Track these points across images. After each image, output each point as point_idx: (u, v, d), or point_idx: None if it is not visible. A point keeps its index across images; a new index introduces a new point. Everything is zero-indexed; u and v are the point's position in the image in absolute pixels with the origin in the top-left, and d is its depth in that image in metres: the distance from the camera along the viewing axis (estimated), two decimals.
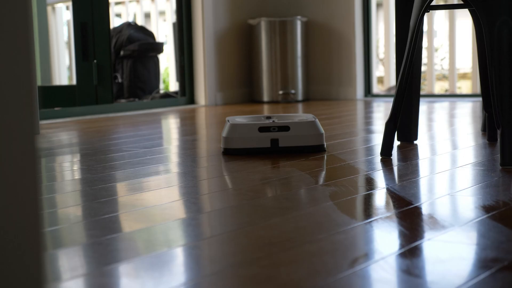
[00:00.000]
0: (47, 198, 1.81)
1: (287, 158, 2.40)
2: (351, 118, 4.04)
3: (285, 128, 2.52)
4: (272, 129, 2.51)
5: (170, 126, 3.98)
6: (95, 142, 3.10)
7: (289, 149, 2.51)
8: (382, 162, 2.28)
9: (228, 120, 2.61)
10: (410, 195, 1.72)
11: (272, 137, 2.50)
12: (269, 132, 2.51)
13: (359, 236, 1.34)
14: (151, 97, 5.73)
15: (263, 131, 2.51)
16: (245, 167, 2.21)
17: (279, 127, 2.52)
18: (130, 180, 2.05)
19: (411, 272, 1.10)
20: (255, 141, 2.50)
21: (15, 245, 0.64)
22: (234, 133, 2.51)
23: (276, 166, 2.23)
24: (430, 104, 5.02)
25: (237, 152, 2.49)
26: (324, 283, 1.06)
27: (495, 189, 1.76)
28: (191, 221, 1.50)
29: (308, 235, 1.36)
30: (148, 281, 1.09)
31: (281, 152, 2.51)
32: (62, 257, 1.24)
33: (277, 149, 2.50)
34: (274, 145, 2.50)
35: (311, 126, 2.54)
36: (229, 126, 2.53)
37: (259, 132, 2.50)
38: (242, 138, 2.49)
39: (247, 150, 2.49)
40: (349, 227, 1.41)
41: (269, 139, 2.50)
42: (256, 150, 2.50)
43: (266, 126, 2.52)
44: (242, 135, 2.50)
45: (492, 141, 2.71)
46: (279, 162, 2.31)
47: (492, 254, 1.19)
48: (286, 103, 5.66)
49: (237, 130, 2.51)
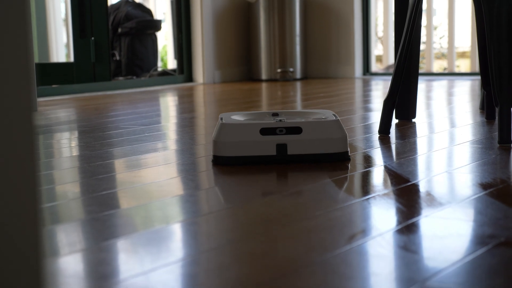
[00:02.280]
0: (45, 174, 1.81)
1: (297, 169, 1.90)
2: (349, 96, 4.04)
3: (296, 130, 1.89)
4: (279, 131, 1.89)
5: (168, 104, 3.97)
6: (93, 120, 3.10)
7: (301, 157, 1.89)
8: (380, 140, 2.28)
9: (221, 117, 2.01)
10: (408, 173, 1.72)
11: (279, 141, 1.88)
12: (275, 135, 1.89)
13: (357, 213, 1.34)
14: (149, 75, 5.72)
15: (266, 134, 1.89)
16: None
17: (287, 128, 1.89)
18: (128, 157, 2.05)
19: (408, 248, 1.11)
20: (256, 147, 1.88)
21: (13, 221, 0.64)
22: (227, 135, 1.89)
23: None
24: (429, 82, 5.02)
25: (232, 162, 1.88)
26: (321, 259, 1.06)
27: (493, 166, 1.77)
28: (189, 197, 1.50)
29: (306, 211, 1.36)
30: (146, 257, 1.09)
31: (291, 162, 1.90)
32: (60, 232, 1.24)
33: (285, 157, 1.89)
34: (281, 153, 1.88)
35: (331, 126, 1.91)
36: (221, 127, 1.91)
37: (261, 135, 1.88)
38: (238, 143, 1.87)
39: (244, 159, 1.88)
40: (346, 204, 1.41)
41: (274, 145, 1.88)
42: (257, 159, 1.88)
43: (270, 127, 1.89)
44: (238, 139, 1.88)
45: (490, 119, 2.71)
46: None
47: (489, 231, 1.19)
48: (284, 81, 5.65)
49: (232, 132, 1.89)
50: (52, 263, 1.07)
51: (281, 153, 1.88)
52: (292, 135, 1.88)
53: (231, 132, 1.89)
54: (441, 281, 0.95)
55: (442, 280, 0.96)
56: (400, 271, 1.00)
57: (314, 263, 1.05)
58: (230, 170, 1.79)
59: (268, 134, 1.89)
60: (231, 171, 1.78)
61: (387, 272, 1.00)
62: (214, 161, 1.91)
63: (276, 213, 1.35)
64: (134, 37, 5.85)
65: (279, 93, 4.49)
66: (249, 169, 1.82)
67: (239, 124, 1.90)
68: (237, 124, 1.90)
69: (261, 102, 3.89)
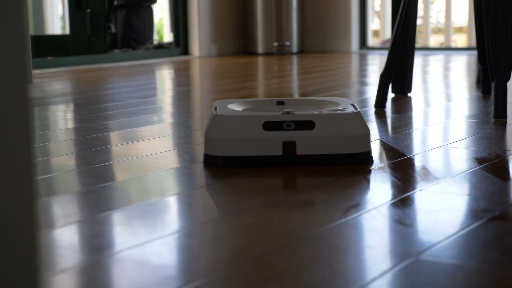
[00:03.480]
0: (40, 147, 1.80)
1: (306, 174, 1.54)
2: (346, 71, 4.03)
3: (307, 124, 1.54)
4: (286, 126, 1.53)
5: (164, 77, 3.96)
6: (88, 92, 3.09)
7: (313, 158, 1.54)
8: (376, 114, 2.28)
9: (215, 107, 1.65)
10: (403, 147, 1.72)
11: (286, 138, 1.52)
12: (281, 131, 1.53)
13: (352, 186, 1.34)
14: (145, 47, 5.70)
15: (270, 129, 1.53)
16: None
17: (297, 122, 1.53)
18: (124, 129, 2.05)
19: (403, 221, 1.11)
20: (257, 146, 1.52)
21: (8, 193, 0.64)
22: (222, 130, 1.53)
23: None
24: (425, 57, 5.01)
25: (227, 163, 1.52)
26: (316, 232, 1.07)
27: (488, 141, 1.77)
28: (185, 170, 1.50)
29: (301, 185, 1.36)
30: (141, 229, 1.09)
31: (300, 163, 1.54)
32: (55, 204, 1.24)
33: (293, 158, 1.53)
34: (289, 152, 1.52)
35: (350, 121, 1.55)
36: (215, 119, 1.55)
37: (264, 131, 1.52)
38: (236, 140, 1.52)
39: (243, 159, 1.53)
40: (341, 178, 1.42)
41: (280, 143, 1.52)
42: (258, 160, 1.53)
43: (275, 121, 1.53)
44: (235, 135, 1.52)
45: (486, 94, 2.71)
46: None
47: (484, 205, 1.20)
48: (281, 55, 5.63)
49: (228, 126, 1.53)
50: (47, 235, 1.07)
51: (288, 153, 1.52)
52: (302, 131, 1.53)
53: (227, 126, 1.52)
54: (435, 255, 0.96)
55: (436, 253, 0.96)
56: (395, 244, 1.00)
57: (309, 236, 1.05)
58: (225, 174, 1.44)
59: (272, 130, 1.53)
60: (226, 175, 1.45)
61: (382, 245, 1.00)
62: (205, 162, 1.55)
63: (271, 187, 1.35)
64: (130, 9, 5.82)
65: (275, 67, 4.48)
66: (248, 172, 1.54)
67: (237, 117, 1.53)
68: (234, 117, 1.53)
69: (257, 76, 3.88)
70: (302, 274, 0.90)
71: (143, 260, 0.96)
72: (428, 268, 0.91)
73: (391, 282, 0.86)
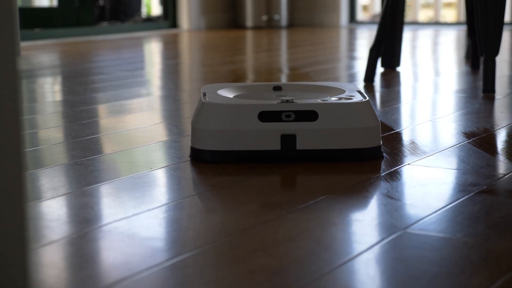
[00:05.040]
0: (28, 119, 1.79)
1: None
2: (335, 45, 4.02)
3: (309, 115, 1.35)
4: (285, 116, 1.34)
5: (153, 50, 3.94)
6: (76, 65, 3.07)
7: (315, 154, 1.35)
8: (365, 88, 2.28)
9: (203, 92, 1.46)
10: (392, 121, 1.72)
11: (285, 131, 1.34)
12: (279, 123, 1.34)
13: (340, 160, 1.34)
14: (133, 20, 5.67)
15: (267, 120, 1.34)
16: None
17: (297, 112, 1.34)
18: (112, 102, 2.04)
19: (391, 195, 1.11)
20: (253, 139, 1.34)
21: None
22: (211, 121, 1.35)
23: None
24: (414, 31, 5.00)
25: (218, 158, 1.34)
26: (305, 205, 1.07)
27: (477, 115, 1.77)
28: (173, 143, 1.50)
29: (290, 162, 1.36)
30: (129, 202, 1.09)
31: (300, 159, 1.35)
32: (43, 177, 1.24)
33: (293, 153, 1.34)
34: (288, 147, 1.34)
35: (359, 111, 1.36)
36: (203, 107, 1.37)
37: (260, 122, 1.34)
38: (227, 133, 1.34)
39: (235, 154, 1.34)
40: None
41: (278, 136, 1.34)
42: (253, 156, 1.34)
43: (273, 111, 1.34)
44: (227, 127, 1.34)
45: (475, 69, 2.71)
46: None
47: (472, 179, 1.20)
48: (270, 28, 5.61)
49: (218, 115, 1.35)
50: (35, 207, 1.07)
51: (287, 147, 1.34)
52: (303, 123, 1.34)
53: (218, 116, 1.35)
54: (423, 228, 0.96)
55: (424, 226, 0.97)
56: (383, 218, 1.00)
57: (297, 210, 1.05)
58: (213, 172, 1.25)
59: (270, 121, 1.34)
60: (215, 174, 1.25)
61: (370, 219, 1.00)
62: (192, 156, 1.38)
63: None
64: None
65: (264, 40, 4.47)
66: (240, 169, 1.35)
67: (229, 105, 1.35)
68: (226, 105, 1.35)
69: (246, 49, 3.87)
70: (290, 246, 0.90)
71: (131, 232, 0.96)
72: (416, 241, 0.91)
73: (378, 255, 0.87)
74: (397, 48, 2.75)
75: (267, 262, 0.85)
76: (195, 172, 1.27)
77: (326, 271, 0.82)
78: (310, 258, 0.86)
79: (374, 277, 0.80)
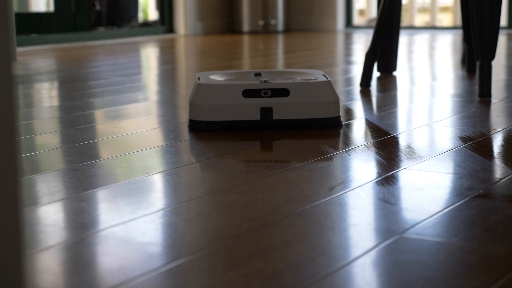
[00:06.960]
0: (24, 124, 1.79)
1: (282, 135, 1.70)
2: (331, 49, 4.03)
3: (283, 92, 1.71)
4: (263, 93, 1.70)
5: (149, 55, 3.94)
6: (73, 70, 3.07)
7: (288, 123, 1.71)
8: (361, 92, 2.28)
9: (198, 77, 1.82)
10: (388, 126, 1.72)
11: (264, 105, 1.70)
12: (259, 98, 1.70)
13: (337, 164, 1.35)
14: (130, 25, 5.67)
15: (249, 96, 1.71)
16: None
17: (273, 90, 1.71)
18: (109, 107, 2.04)
19: (387, 199, 1.12)
20: (237, 112, 1.69)
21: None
22: (205, 98, 1.70)
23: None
24: (411, 36, 5.01)
25: (210, 127, 1.69)
26: (301, 209, 1.07)
27: (473, 120, 1.77)
28: (170, 148, 1.50)
29: (286, 163, 1.36)
30: (126, 207, 1.09)
31: (276, 127, 1.71)
32: (39, 182, 1.24)
33: (270, 123, 1.70)
34: (266, 117, 1.70)
35: (321, 88, 1.73)
36: (198, 88, 1.72)
37: (243, 98, 1.70)
38: (218, 107, 1.69)
39: (224, 124, 1.69)
40: (326, 155, 1.42)
41: (258, 109, 1.70)
42: (239, 125, 1.70)
43: (253, 89, 1.71)
44: (217, 102, 1.69)
45: (471, 73, 2.72)
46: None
47: (468, 183, 1.20)
48: (267, 33, 5.62)
49: (210, 93, 1.70)
50: (31, 213, 1.07)
51: (266, 118, 1.69)
52: (278, 98, 1.70)
53: (210, 94, 1.70)
54: (419, 232, 0.96)
55: (420, 231, 0.97)
56: (379, 222, 1.01)
57: (293, 213, 1.05)
58: (208, 137, 1.61)
59: (251, 97, 1.70)
60: (209, 138, 1.60)
61: (366, 223, 1.00)
62: (190, 127, 1.72)
63: (256, 165, 1.35)
64: None
65: (261, 45, 4.47)
66: (229, 136, 1.69)
67: (219, 85, 1.71)
68: (216, 85, 1.71)
69: (242, 54, 3.87)
70: (286, 251, 0.90)
71: (127, 237, 0.96)
72: (412, 246, 0.91)
73: (375, 260, 0.87)
74: (393, 53, 2.75)
75: (263, 267, 0.85)
76: (192, 177, 1.27)
77: (322, 276, 0.82)
78: (306, 263, 0.86)
79: (371, 281, 0.80)
